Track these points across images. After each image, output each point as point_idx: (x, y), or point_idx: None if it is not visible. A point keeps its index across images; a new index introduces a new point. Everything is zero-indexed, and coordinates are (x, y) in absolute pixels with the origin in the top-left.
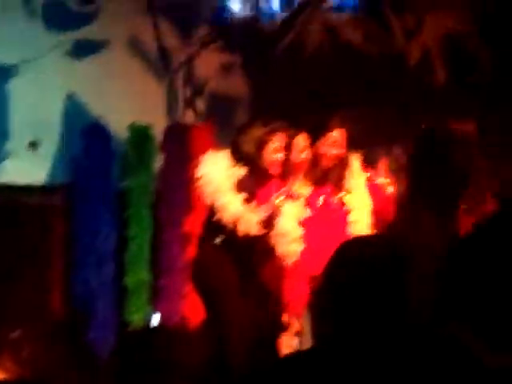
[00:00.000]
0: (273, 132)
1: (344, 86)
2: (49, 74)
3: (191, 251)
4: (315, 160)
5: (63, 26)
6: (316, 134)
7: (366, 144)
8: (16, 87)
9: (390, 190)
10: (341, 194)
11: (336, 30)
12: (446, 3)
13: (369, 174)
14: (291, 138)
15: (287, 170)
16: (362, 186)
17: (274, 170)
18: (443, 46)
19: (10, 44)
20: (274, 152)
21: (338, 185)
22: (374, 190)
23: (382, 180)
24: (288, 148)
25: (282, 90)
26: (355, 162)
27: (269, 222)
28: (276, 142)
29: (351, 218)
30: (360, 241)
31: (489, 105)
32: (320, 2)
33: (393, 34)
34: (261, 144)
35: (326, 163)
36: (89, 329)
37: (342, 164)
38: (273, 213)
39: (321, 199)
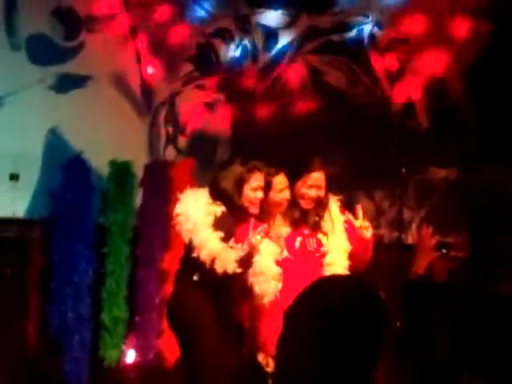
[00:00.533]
0: (252, 171)
1: (326, 127)
2: (31, 108)
3: (168, 289)
4: (294, 201)
5: (47, 60)
6: (296, 174)
7: (347, 187)
8: None
9: (368, 233)
10: (318, 236)
11: (319, 73)
12: (431, 50)
13: (347, 217)
14: (271, 177)
15: (266, 209)
16: (340, 229)
17: (253, 209)
18: (426, 92)
19: None
20: (252, 191)
21: (316, 227)
22: (352, 233)
23: (360, 223)
24: (267, 187)
25: (264, 129)
26: (333, 204)
27: (246, 261)
28: (255, 181)
29: (327, 260)
30: (330, 281)
31: (471, 151)
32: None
33: (376, 79)
34: (240, 182)
35: (304, 204)
36: (63, 362)
37: (320, 206)
38: (250, 251)
39: (298, 241)
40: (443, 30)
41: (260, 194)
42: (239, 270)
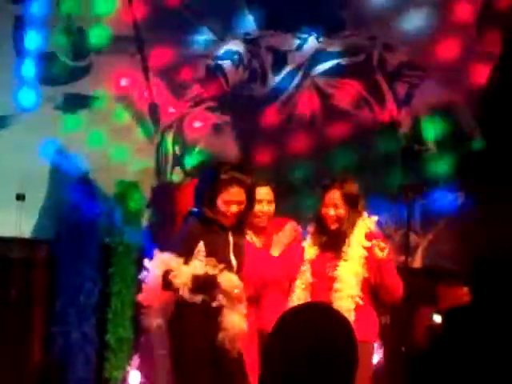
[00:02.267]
0: (230, 184)
1: (334, 150)
2: (39, 127)
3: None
4: (322, 224)
5: (55, 79)
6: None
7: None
8: (5, 139)
9: (382, 253)
10: (339, 262)
11: (327, 95)
12: (438, 75)
13: (375, 243)
14: (251, 189)
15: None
16: (357, 255)
17: (225, 221)
18: (434, 116)
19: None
20: (225, 204)
21: (338, 252)
22: (373, 260)
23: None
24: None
25: (272, 150)
26: (362, 227)
27: (205, 284)
28: (229, 196)
29: (334, 286)
30: (302, 310)
31: (479, 175)
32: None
33: (384, 102)
34: (214, 192)
35: (330, 224)
36: (68, 383)
37: (348, 227)
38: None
39: (320, 265)
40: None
41: (234, 209)
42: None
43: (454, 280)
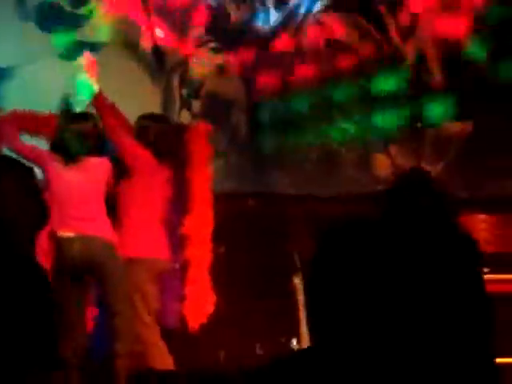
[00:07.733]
0: None
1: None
2: (43, 76)
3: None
4: None
5: (57, 27)
6: None
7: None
8: (10, 90)
9: None
10: None
11: (330, 30)
12: (440, 5)
13: None
14: None
15: None
16: None
17: None
18: (439, 47)
19: (2, 47)
20: None
21: None
22: None
23: None
24: None
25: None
26: None
27: None
28: None
29: None
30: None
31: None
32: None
33: (388, 34)
34: None
35: None
36: None
37: None
38: None
39: None
40: None
41: None
42: None
43: (467, 208)
